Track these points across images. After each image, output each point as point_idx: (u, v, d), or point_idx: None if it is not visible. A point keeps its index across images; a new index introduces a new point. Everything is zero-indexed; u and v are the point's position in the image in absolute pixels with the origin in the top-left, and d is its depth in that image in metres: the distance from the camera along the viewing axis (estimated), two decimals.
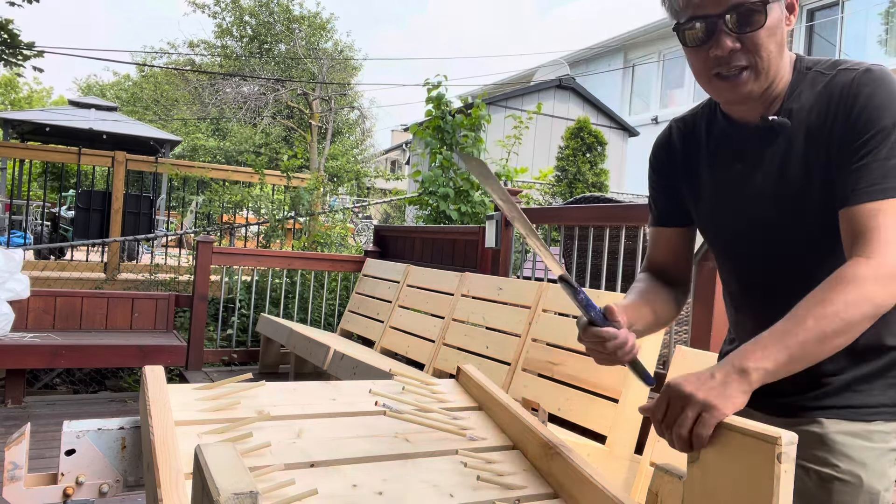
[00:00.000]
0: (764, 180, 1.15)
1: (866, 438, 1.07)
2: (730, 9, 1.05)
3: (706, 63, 1.10)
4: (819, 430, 1.08)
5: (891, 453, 1.08)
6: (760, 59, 1.07)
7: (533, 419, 1.44)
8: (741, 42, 1.06)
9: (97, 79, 27.88)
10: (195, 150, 18.90)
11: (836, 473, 1.06)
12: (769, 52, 1.07)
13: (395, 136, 27.01)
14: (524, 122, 5.97)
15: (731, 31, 1.06)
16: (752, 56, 1.07)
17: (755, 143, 1.16)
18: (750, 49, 1.07)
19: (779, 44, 1.09)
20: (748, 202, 1.18)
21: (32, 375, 5.29)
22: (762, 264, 1.20)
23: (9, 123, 10.26)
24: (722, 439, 0.95)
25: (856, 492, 1.05)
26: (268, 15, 20.02)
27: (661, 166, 1.34)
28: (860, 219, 1.02)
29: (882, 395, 1.09)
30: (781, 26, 1.09)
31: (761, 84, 1.10)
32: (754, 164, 1.16)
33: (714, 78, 1.11)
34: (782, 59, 1.11)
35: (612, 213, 3.33)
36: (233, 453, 0.85)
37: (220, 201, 7.15)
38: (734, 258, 1.26)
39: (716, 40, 1.07)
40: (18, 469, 1.29)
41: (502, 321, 3.33)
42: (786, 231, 1.15)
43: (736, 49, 1.07)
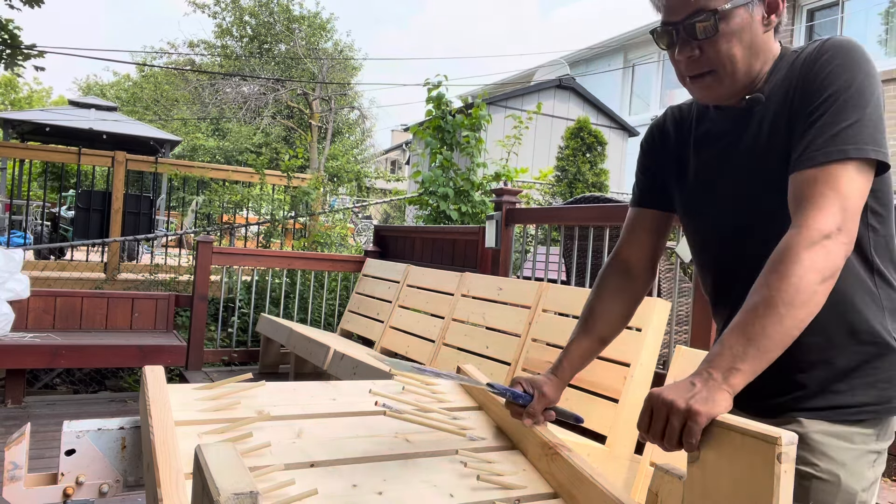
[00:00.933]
0: (739, 158, 1.17)
1: (846, 439, 1.07)
2: (688, 17, 1.09)
3: (678, 66, 1.16)
4: (800, 429, 1.08)
5: (870, 455, 1.08)
6: (721, 65, 1.10)
7: None
8: (700, 49, 1.11)
9: (97, 79, 27.90)
10: (195, 150, 18.91)
11: (815, 472, 1.06)
12: (731, 57, 1.09)
13: (395, 136, 27.01)
14: (524, 122, 5.97)
15: (689, 38, 1.10)
16: (712, 62, 1.11)
17: (734, 123, 1.18)
18: (709, 55, 1.10)
19: (748, 46, 1.10)
20: (725, 181, 1.19)
21: (32, 375, 5.29)
22: (734, 247, 1.20)
23: (9, 123, 10.26)
24: (722, 439, 0.95)
25: (834, 491, 1.06)
26: (268, 15, 20.03)
27: (651, 149, 1.37)
28: (798, 187, 1.03)
29: (863, 394, 1.09)
30: (749, 29, 1.10)
31: (729, 86, 1.13)
32: (733, 144, 1.18)
33: (685, 79, 1.17)
34: (759, 59, 1.12)
35: (612, 213, 3.33)
36: (233, 453, 0.85)
37: (220, 201, 7.15)
38: (710, 243, 1.26)
39: (679, 46, 1.12)
40: (18, 469, 1.29)
41: (502, 321, 3.33)
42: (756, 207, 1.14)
43: (695, 56, 1.11)
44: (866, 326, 1.09)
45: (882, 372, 1.10)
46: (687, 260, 2.72)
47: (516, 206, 4.11)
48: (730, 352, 0.97)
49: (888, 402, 1.10)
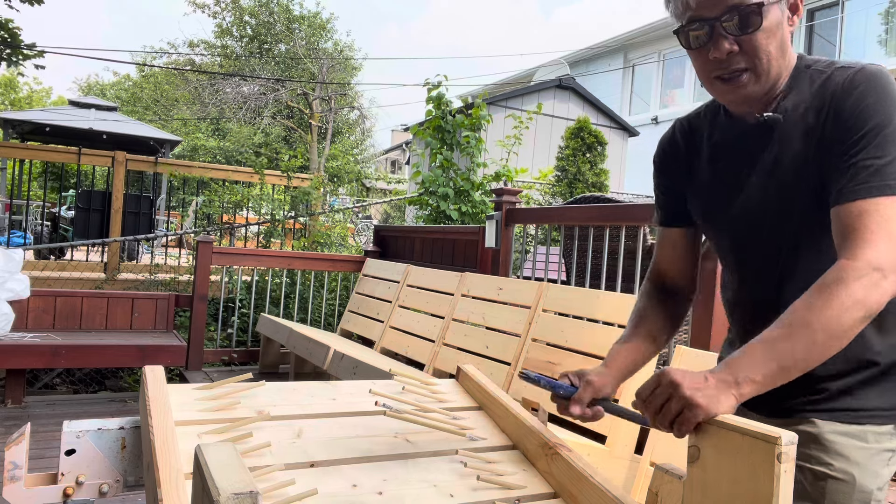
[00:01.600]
0: (756, 176, 1.15)
1: (860, 439, 1.08)
2: (726, 11, 1.05)
3: (706, 65, 1.11)
4: (813, 429, 1.09)
5: (884, 454, 1.09)
6: (760, 62, 1.07)
7: (533, 419, 1.44)
8: (739, 44, 1.06)
9: (97, 79, 27.91)
10: (195, 150, 18.91)
11: (830, 472, 1.06)
12: (769, 54, 1.07)
13: (395, 136, 27.02)
14: (524, 122, 5.97)
15: (728, 33, 1.06)
16: (750, 58, 1.07)
17: (751, 139, 1.17)
18: (748, 51, 1.07)
19: (780, 44, 1.08)
20: (740, 197, 1.18)
21: (32, 375, 5.30)
22: (752, 260, 1.20)
23: (9, 123, 10.26)
24: (722, 439, 0.95)
25: (849, 490, 1.06)
26: (268, 15, 20.03)
27: (665, 166, 1.35)
28: (845, 219, 1.02)
29: (877, 398, 1.09)
30: (782, 27, 1.08)
31: (762, 85, 1.10)
32: (749, 160, 1.17)
33: (715, 80, 1.12)
34: (784, 59, 1.10)
35: (612, 213, 3.33)
36: (233, 453, 0.85)
37: (220, 201, 7.15)
38: (729, 251, 1.26)
39: (714, 43, 1.07)
40: (18, 469, 1.29)
41: (502, 321, 3.33)
42: (773, 227, 1.15)
43: (734, 52, 1.07)
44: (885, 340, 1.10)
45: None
46: None
47: (516, 206, 4.11)
48: (751, 361, 0.96)
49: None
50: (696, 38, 1.09)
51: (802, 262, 1.13)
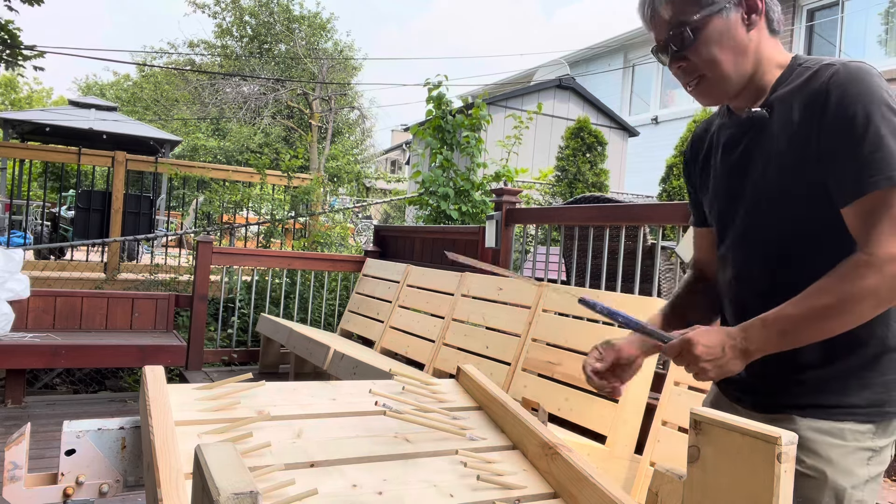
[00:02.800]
0: (749, 168, 1.21)
1: (837, 436, 1.10)
2: (667, 32, 1.17)
3: (677, 78, 1.23)
4: (791, 426, 1.11)
5: (862, 452, 1.10)
6: (709, 69, 1.16)
7: (533, 419, 1.44)
8: (686, 59, 1.18)
9: (97, 79, 27.90)
10: (195, 150, 18.91)
11: (800, 468, 1.08)
12: (714, 61, 1.15)
13: (395, 136, 27.01)
14: (524, 122, 5.97)
15: (674, 52, 1.18)
16: (700, 67, 1.17)
17: (744, 133, 1.22)
18: (695, 62, 1.17)
19: (735, 48, 1.15)
20: (737, 189, 1.23)
21: (32, 375, 5.30)
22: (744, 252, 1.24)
23: (9, 123, 10.26)
24: (722, 439, 0.95)
25: (820, 487, 1.08)
26: (268, 15, 20.03)
27: (687, 172, 1.43)
28: (857, 217, 1.05)
29: (856, 395, 1.11)
30: (731, 31, 1.15)
31: (723, 88, 1.19)
32: (745, 153, 1.22)
33: (688, 88, 1.23)
34: (744, 59, 1.16)
35: (612, 213, 3.33)
36: (233, 453, 0.85)
37: (220, 201, 7.15)
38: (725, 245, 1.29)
39: (669, 60, 1.20)
40: (18, 469, 1.29)
41: (502, 321, 3.33)
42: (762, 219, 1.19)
43: (683, 66, 1.19)
44: (867, 329, 1.10)
45: (878, 375, 1.11)
46: (687, 260, 2.72)
47: (516, 206, 4.11)
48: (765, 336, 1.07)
49: (881, 405, 1.11)
50: (660, 57, 1.23)
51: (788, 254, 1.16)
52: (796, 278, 1.10)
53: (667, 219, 3.14)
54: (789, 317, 1.06)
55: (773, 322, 1.07)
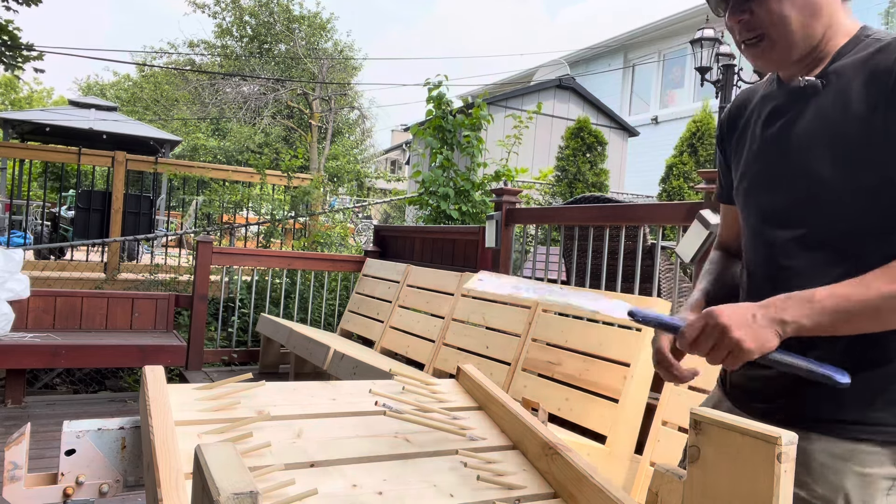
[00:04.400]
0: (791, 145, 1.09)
1: (855, 461, 0.99)
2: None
3: (733, 31, 1.10)
4: (807, 445, 1.02)
5: (883, 482, 0.98)
6: (774, 28, 1.04)
7: (533, 419, 1.44)
8: (751, 12, 1.05)
9: (97, 79, 27.88)
10: (195, 150, 18.91)
11: (809, 497, 1.00)
12: (784, 18, 1.03)
13: (395, 136, 27.02)
14: (524, 122, 5.97)
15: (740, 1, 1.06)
16: (764, 24, 1.05)
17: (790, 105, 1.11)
18: (761, 17, 1.05)
19: (804, 7, 1.03)
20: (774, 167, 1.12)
21: (32, 375, 5.30)
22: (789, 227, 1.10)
23: (9, 123, 10.26)
24: (722, 439, 0.95)
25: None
26: (268, 15, 20.03)
27: (721, 140, 1.31)
28: None
29: (883, 411, 1.00)
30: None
31: (784, 52, 1.07)
32: (787, 127, 1.10)
33: (741, 45, 1.10)
34: (818, 22, 1.04)
35: (612, 213, 3.33)
36: (233, 453, 0.85)
37: (219, 201, 7.15)
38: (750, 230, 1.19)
39: (731, 10, 1.08)
40: (18, 469, 1.29)
41: (502, 321, 3.33)
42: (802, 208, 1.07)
43: (745, 19, 1.06)
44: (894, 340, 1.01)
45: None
46: (687, 260, 2.72)
47: (516, 205, 4.11)
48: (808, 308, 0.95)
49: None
50: (717, 5, 1.11)
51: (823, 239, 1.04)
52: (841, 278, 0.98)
53: (667, 219, 3.14)
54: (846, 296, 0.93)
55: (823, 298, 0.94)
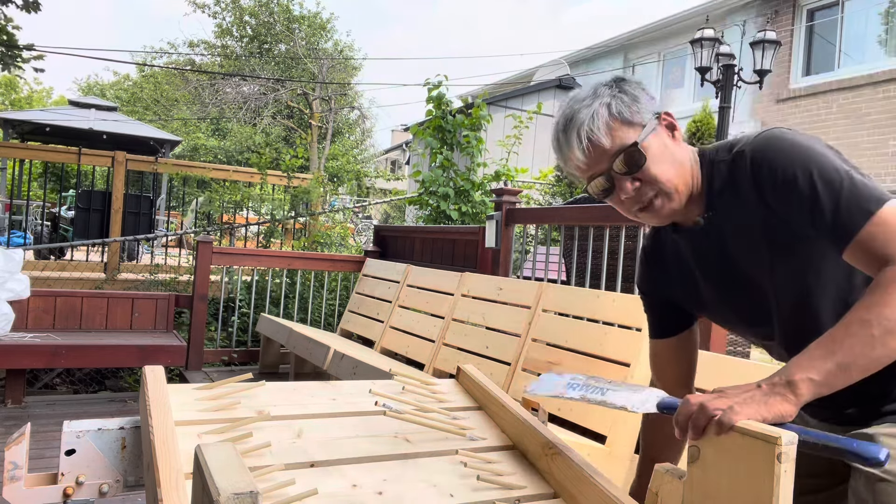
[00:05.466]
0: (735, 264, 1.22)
1: None
2: (612, 159, 1.16)
3: (623, 206, 1.22)
4: (869, 431, 1.09)
5: None
6: (662, 185, 1.17)
7: (533, 419, 1.44)
8: (637, 180, 1.18)
9: (97, 79, 27.89)
10: (195, 150, 18.91)
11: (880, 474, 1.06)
12: (666, 176, 1.17)
13: (395, 136, 27.01)
14: (524, 122, 5.97)
15: (623, 175, 1.17)
16: (653, 185, 1.18)
17: (703, 242, 1.25)
18: (648, 181, 1.17)
19: (672, 163, 1.19)
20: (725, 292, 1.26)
21: (32, 375, 5.29)
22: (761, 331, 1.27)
23: (9, 123, 10.26)
24: (722, 439, 0.95)
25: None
26: (268, 15, 20.02)
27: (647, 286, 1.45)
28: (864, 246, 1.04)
29: None
30: (666, 149, 1.19)
31: (678, 201, 1.20)
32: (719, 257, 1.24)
33: (638, 213, 1.22)
34: (685, 171, 1.20)
35: (613, 213, 3.30)
36: (233, 453, 0.85)
37: (220, 201, 7.15)
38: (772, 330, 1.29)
39: (618, 187, 1.19)
40: (18, 469, 1.29)
41: (502, 321, 3.33)
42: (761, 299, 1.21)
43: (636, 186, 1.18)
44: None
45: None
46: None
47: (516, 205, 4.11)
48: (809, 360, 0.99)
49: None
50: (601, 187, 1.21)
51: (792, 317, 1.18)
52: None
53: None
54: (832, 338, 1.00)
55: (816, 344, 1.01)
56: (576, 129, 1.17)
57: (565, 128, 1.19)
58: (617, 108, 1.16)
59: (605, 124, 1.15)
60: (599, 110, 1.16)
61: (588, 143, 1.16)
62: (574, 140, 1.17)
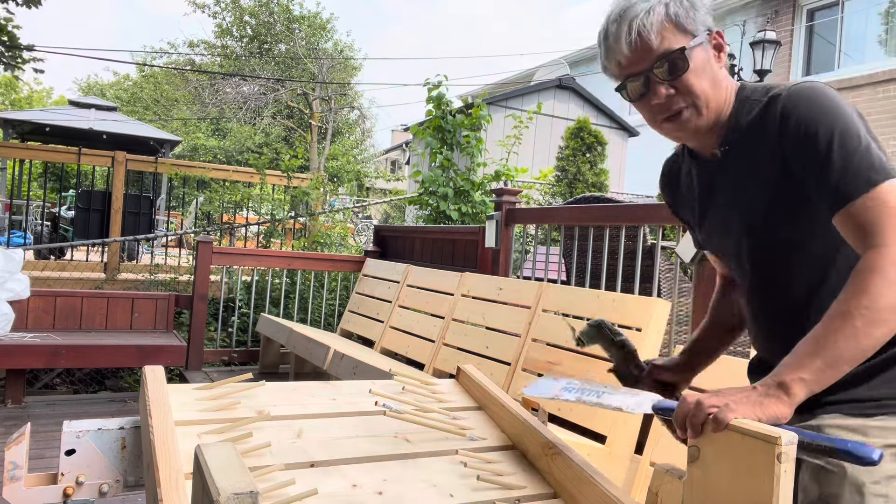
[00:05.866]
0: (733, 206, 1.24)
1: (860, 433, 1.08)
2: (655, 61, 1.16)
3: (651, 111, 1.22)
4: (816, 423, 1.11)
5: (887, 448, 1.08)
6: (696, 98, 1.17)
7: (533, 419, 1.44)
8: (674, 87, 1.17)
9: (97, 79, 27.88)
10: (195, 150, 18.90)
11: (822, 463, 1.08)
12: (703, 90, 1.17)
13: (395, 136, 27.01)
14: (524, 122, 5.97)
15: (661, 80, 1.17)
16: (687, 97, 1.18)
17: (716, 174, 1.26)
18: (683, 91, 1.17)
19: (711, 81, 1.18)
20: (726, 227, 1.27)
21: (32, 375, 5.29)
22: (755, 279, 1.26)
23: (9, 123, 10.26)
24: (722, 439, 0.95)
25: (840, 482, 1.07)
26: (268, 15, 20.02)
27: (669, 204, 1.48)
28: (856, 217, 1.05)
29: (886, 387, 1.10)
30: (710, 64, 1.19)
31: (705, 119, 1.20)
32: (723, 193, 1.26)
33: (662, 122, 1.22)
34: (720, 93, 1.20)
35: (612, 213, 3.33)
36: (233, 453, 0.85)
37: (219, 201, 7.15)
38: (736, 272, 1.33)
39: (652, 91, 1.19)
40: (18, 469, 1.29)
41: (502, 321, 3.33)
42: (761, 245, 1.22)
43: (671, 94, 1.18)
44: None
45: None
46: (687, 260, 2.72)
47: (516, 206, 4.11)
48: (797, 361, 1.00)
49: None
50: (635, 90, 1.20)
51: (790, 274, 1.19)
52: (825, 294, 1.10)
53: (667, 219, 3.13)
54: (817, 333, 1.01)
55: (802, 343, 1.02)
56: (628, 21, 1.15)
57: (618, 18, 1.17)
58: (674, 10, 1.15)
59: (660, 23, 1.14)
60: (657, 7, 1.15)
61: (637, 37, 1.15)
62: (623, 32, 1.16)
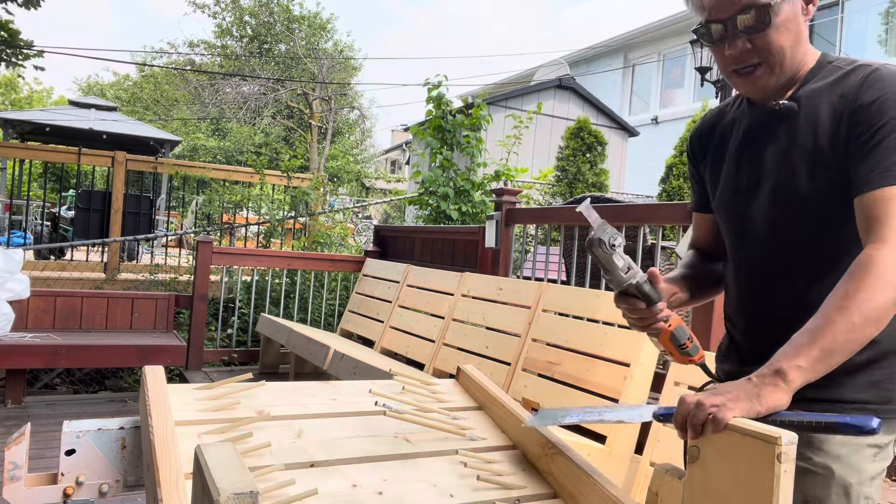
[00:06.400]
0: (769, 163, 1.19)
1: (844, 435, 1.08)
2: (738, 12, 1.10)
3: (724, 60, 1.17)
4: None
5: (869, 449, 1.09)
6: (772, 56, 1.13)
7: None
8: (751, 42, 1.12)
9: (97, 79, 27.87)
10: (195, 150, 18.90)
11: (808, 466, 1.08)
12: (781, 48, 1.12)
13: (395, 136, 27.01)
14: (524, 122, 5.97)
15: (740, 32, 1.12)
16: (763, 54, 1.13)
17: (766, 126, 1.21)
18: (760, 48, 1.12)
19: (794, 37, 1.13)
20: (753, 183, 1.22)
21: (32, 375, 5.29)
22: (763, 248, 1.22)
23: (9, 123, 10.25)
24: (722, 439, 0.95)
25: (827, 484, 1.07)
26: (268, 15, 20.02)
27: (693, 156, 1.41)
28: (871, 206, 1.04)
29: (865, 391, 1.10)
30: (796, 20, 1.13)
31: (777, 78, 1.15)
32: (765, 146, 1.20)
33: (732, 74, 1.18)
34: (800, 51, 1.15)
35: (612, 213, 3.33)
36: (233, 453, 0.85)
37: (220, 201, 7.15)
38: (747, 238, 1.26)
39: (729, 41, 1.14)
40: (18, 469, 1.29)
41: (502, 321, 3.33)
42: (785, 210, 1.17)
43: (746, 48, 1.13)
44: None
45: (886, 370, 1.11)
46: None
47: (516, 205, 4.11)
48: (794, 349, 0.99)
49: (889, 402, 1.11)
50: (714, 34, 1.15)
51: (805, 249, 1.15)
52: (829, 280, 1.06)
53: (667, 219, 3.14)
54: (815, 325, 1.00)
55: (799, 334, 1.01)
56: None
57: None
58: None
59: None
60: None
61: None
62: None
